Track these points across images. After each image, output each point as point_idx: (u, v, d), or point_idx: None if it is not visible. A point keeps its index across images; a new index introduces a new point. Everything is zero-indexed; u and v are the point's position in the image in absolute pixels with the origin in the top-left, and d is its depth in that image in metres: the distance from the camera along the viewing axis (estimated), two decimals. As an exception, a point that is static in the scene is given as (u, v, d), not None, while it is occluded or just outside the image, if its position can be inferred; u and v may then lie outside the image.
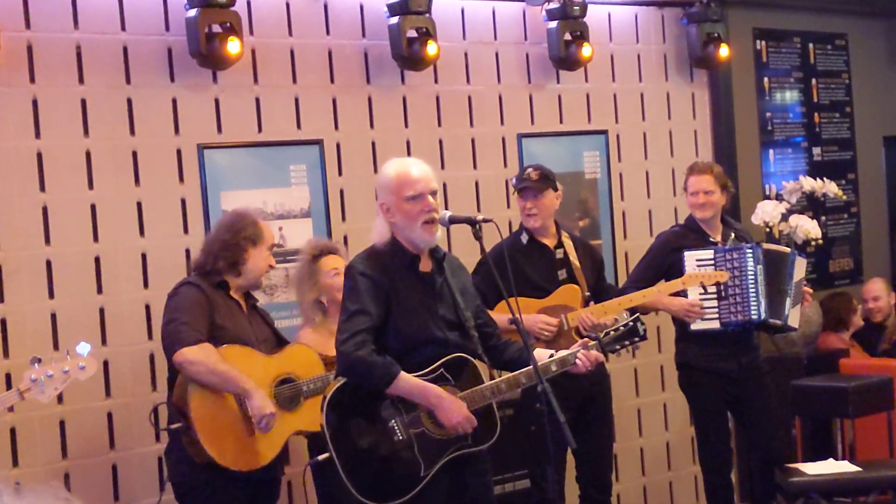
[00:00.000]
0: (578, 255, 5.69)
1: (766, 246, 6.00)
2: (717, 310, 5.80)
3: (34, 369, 4.10)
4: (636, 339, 4.73)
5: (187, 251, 5.60)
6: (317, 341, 5.11)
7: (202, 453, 4.47)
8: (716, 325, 5.80)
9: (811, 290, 6.20)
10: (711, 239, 5.95)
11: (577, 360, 4.47)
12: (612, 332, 4.69)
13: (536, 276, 5.56)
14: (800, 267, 6.01)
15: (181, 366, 4.50)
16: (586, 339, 4.71)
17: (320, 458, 4.72)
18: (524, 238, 5.65)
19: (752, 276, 5.78)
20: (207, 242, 4.86)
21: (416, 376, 4.21)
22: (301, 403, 4.74)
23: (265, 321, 4.94)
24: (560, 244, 5.68)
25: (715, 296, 5.79)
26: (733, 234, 6.00)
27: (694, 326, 5.81)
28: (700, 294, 5.79)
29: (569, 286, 5.59)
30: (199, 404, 4.50)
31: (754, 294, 5.78)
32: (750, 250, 5.83)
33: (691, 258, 5.84)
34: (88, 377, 4.21)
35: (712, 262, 5.82)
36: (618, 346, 4.70)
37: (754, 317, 5.78)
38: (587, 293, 5.61)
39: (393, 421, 4.23)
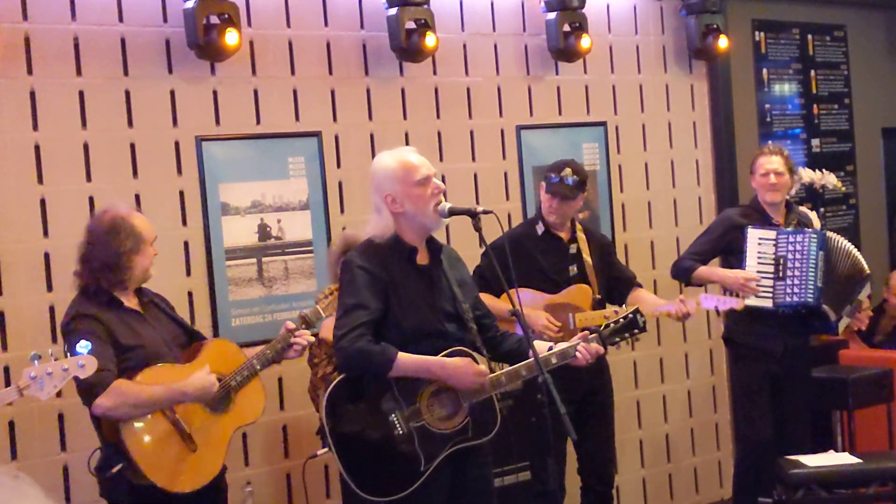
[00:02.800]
0: (591, 248, 5.67)
1: (843, 246, 6.03)
2: (772, 289, 5.84)
3: (34, 367, 4.08)
4: (636, 331, 4.72)
5: (185, 243, 5.61)
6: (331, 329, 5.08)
7: (146, 480, 4.25)
8: (769, 303, 5.84)
9: (870, 314, 6.23)
10: (774, 221, 5.96)
11: (578, 353, 4.45)
12: (612, 325, 4.67)
13: (547, 268, 5.56)
14: (866, 289, 6.08)
15: (104, 416, 4.26)
16: (586, 331, 4.70)
17: (319, 452, 4.73)
18: (539, 228, 5.64)
19: (814, 261, 5.82)
20: (85, 258, 4.46)
21: None
22: (233, 400, 4.52)
23: (167, 314, 4.67)
24: (574, 238, 5.66)
25: (773, 275, 5.83)
26: (797, 220, 6.03)
27: (747, 302, 5.77)
28: (758, 270, 5.83)
29: (580, 286, 5.57)
30: (133, 437, 4.25)
31: (813, 278, 5.81)
32: (814, 235, 5.88)
33: (754, 236, 5.88)
34: (88, 375, 4.18)
35: (773, 242, 5.86)
36: (618, 339, 4.69)
37: (810, 299, 5.82)
38: (598, 295, 5.59)
39: (393, 415, 4.22)
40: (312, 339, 4.79)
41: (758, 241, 5.87)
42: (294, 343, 4.65)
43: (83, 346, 4.08)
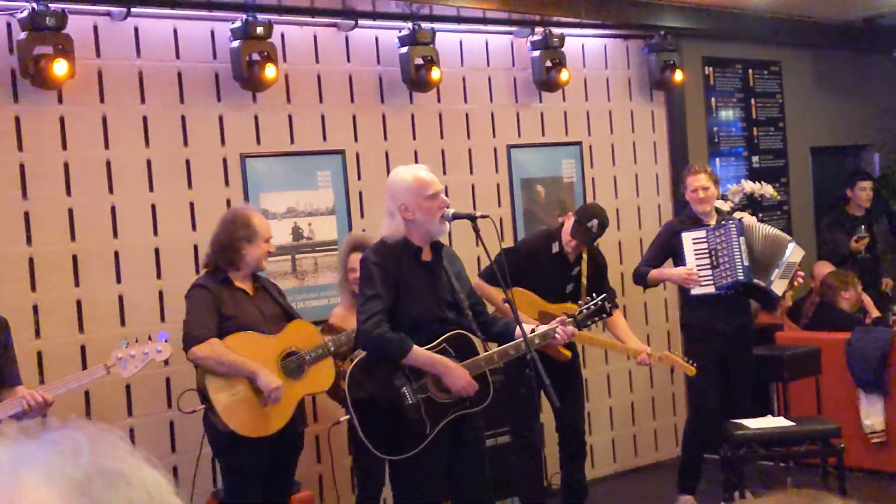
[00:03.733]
0: (589, 272, 5.61)
1: (750, 222, 6.04)
2: (712, 277, 5.82)
3: (121, 349, 4.11)
4: (604, 315, 4.77)
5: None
6: (343, 316, 5.09)
7: (224, 426, 4.45)
8: (711, 289, 5.81)
9: (803, 273, 6.20)
10: (707, 224, 5.95)
11: (557, 334, 4.47)
12: (584, 311, 4.70)
13: (548, 280, 5.49)
14: (795, 253, 6.00)
15: (194, 362, 4.49)
16: (563, 316, 4.70)
17: (341, 419, 4.72)
18: (555, 247, 5.55)
19: (737, 245, 5.78)
20: (211, 243, 4.70)
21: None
22: (306, 371, 4.64)
23: (273, 298, 4.77)
24: (578, 262, 5.59)
25: (710, 265, 5.82)
26: (721, 217, 6.03)
27: (694, 291, 5.83)
28: (698, 264, 5.82)
29: (570, 306, 5.50)
30: (215, 389, 4.45)
31: (739, 259, 5.78)
32: (733, 225, 5.85)
33: (688, 238, 5.88)
34: (163, 359, 4.24)
35: (705, 239, 5.85)
36: (589, 322, 4.74)
37: (740, 277, 5.78)
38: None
39: (404, 388, 4.20)
40: None
41: (692, 242, 5.86)
42: None
43: (162, 335, 4.17)
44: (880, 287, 7.94)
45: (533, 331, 4.43)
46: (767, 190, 7.65)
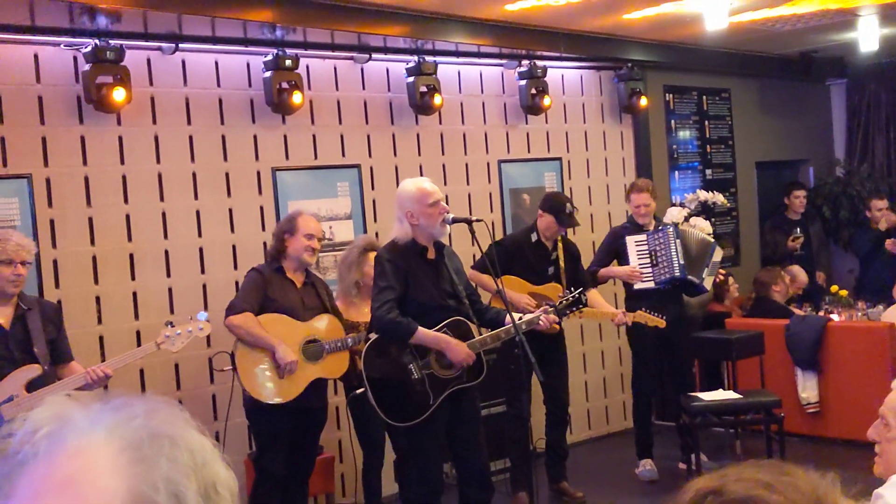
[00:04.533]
0: (565, 257, 5.61)
1: (684, 227, 6.06)
2: (652, 274, 5.82)
3: (168, 329, 4.15)
4: (581, 306, 4.78)
5: (264, 243, 5.57)
6: (347, 310, 5.04)
7: (243, 387, 4.53)
8: (651, 284, 5.80)
9: (724, 272, 6.23)
10: (645, 230, 5.94)
11: (540, 321, 4.49)
12: (564, 302, 4.72)
13: (532, 266, 5.50)
14: (718, 253, 6.03)
15: (229, 328, 4.53)
16: (546, 305, 4.71)
17: (358, 391, 4.73)
18: (534, 237, 5.56)
19: (674, 247, 5.78)
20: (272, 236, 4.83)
21: None
22: (323, 358, 4.63)
23: (317, 294, 4.77)
24: (555, 248, 5.58)
25: (650, 264, 5.81)
26: (658, 224, 6.04)
27: (637, 286, 5.80)
28: (640, 263, 5.80)
29: (554, 285, 5.50)
30: (241, 355, 4.51)
31: (676, 258, 5.78)
32: (671, 230, 5.87)
33: (630, 241, 5.87)
34: (205, 335, 4.30)
35: (645, 241, 5.84)
36: (568, 312, 4.74)
37: (677, 273, 5.78)
38: (566, 291, 5.55)
39: (411, 365, 4.21)
40: None
41: (635, 244, 5.85)
42: None
43: (202, 315, 4.20)
44: (816, 280, 7.95)
45: (521, 318, 4.44)
46: (719, 198, 7.64)
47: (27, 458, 0.74)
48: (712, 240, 6.17)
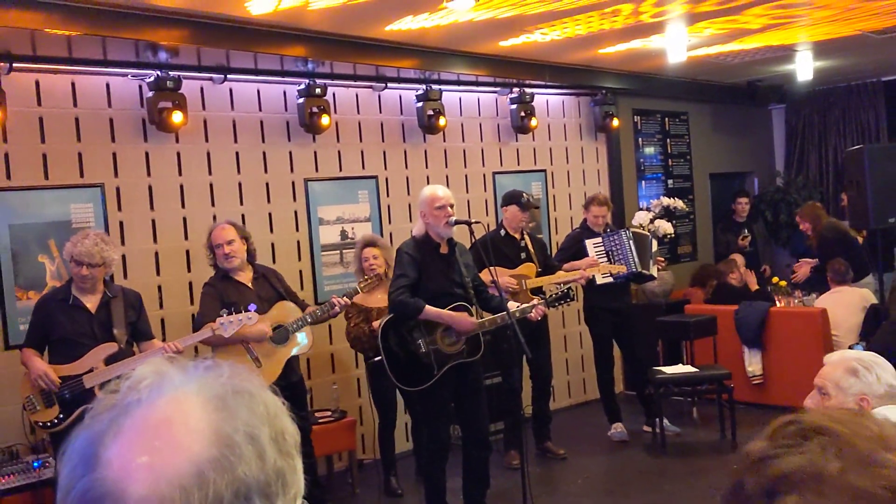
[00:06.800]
0: (532, 244, 5.66)
1: (633, 229, 6.06)
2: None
3: (223, 317, 4.14)
4: (568, 299, 4.79)
5: (297, 242, 5.63)
6: (362, 296, 4.90)
7: None
8: (610, 279, 5.80)
9: (663, 259, 6.26)
10: (598, 232, 5.95)
11: (533, 312, 4.50)
12: (553, 295, 4.73)
13: (507, 255, 5.53)
14: (654, 244, 6.05)
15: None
16: (538, 297, 4.74)
17: (375, 359, 4.76)
18: (502, 232, 5.59)
19: (628, 246, 5.80)
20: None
21: None
22: (291, 338, 4.43)
23: (270, 284, 4.53)
24: (522, 238, 5.64)
25: (607, 261, 5.81)
26: (608, 228, 6.00)
27: (599, 281, 5.73)
28: (598, 257, 5.81)
29: (527, 264, 5.57)
30: (219, 355, 4.06)
31: (632, 256, 5.79)
32: (624, 232, 5.88)
33: (589, 243, 5.85)
34: (253, 324, 4.22)
35: (602, 243, 5.84)
36: (556, 304, 4.75)
37: (633, 268, 5.78)
38: (539, 269, 5.60)
39: (419, 340, 4.26)
40: (349, 302, 4.65)
41: (593, 245, 5.82)
42: (335, 305, 4.57)
43: (252, 306, 4.15)
44: (762, 272, 7.99)
45: (517, 307, 4.48)
46: (679, 204, 7.68)
47: (132, 404, 0.76)
48: (647, 233, 6.14)
